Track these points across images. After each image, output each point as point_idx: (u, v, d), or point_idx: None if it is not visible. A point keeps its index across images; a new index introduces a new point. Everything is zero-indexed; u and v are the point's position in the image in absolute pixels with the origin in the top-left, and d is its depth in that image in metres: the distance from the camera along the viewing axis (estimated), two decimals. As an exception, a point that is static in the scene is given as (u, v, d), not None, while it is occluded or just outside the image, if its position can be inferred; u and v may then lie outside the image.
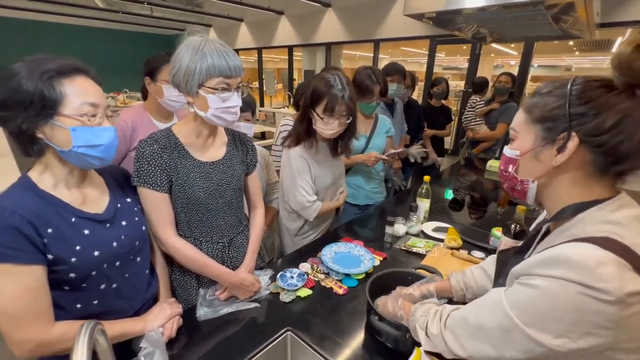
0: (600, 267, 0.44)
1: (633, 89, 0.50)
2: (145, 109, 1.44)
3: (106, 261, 0.77)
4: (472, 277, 0.90)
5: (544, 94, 0.57)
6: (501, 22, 1.60)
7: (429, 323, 0.67)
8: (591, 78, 0.53)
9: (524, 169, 0.60)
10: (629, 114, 0.49)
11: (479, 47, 5.34)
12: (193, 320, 0.96)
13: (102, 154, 0.72)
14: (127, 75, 7.50)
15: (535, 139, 0.57)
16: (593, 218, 0.52)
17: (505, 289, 0.56)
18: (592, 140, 0.51)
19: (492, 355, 0.55)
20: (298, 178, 1.37)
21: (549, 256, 0.50)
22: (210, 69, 0.84)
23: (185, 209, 0.96)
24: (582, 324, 0.46)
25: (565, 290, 0.46)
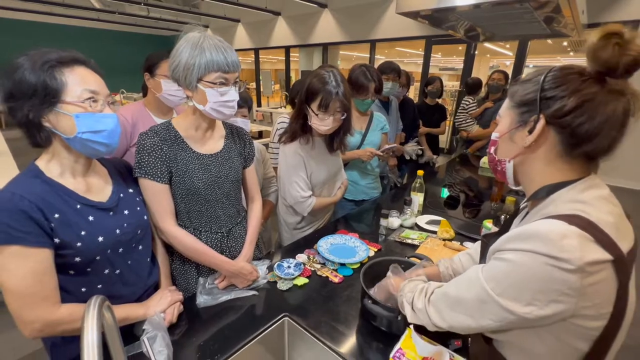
0: (564, 239, 0.48)
1: (603, 77, 0.53)
2: (145, 105, 1.47)
3: (110, 247, 0.80)
4: (460, 263, 0.94)
5: (525, 81, 0.61)
6: (492, 20, 1.65)
7: (415, 298, 0.71)
8: (567, 67, 0.57)
9: (501, 150, 0.65)
10: (592, 98, 0.52)
11: (473, 47, 5.40)
12: (193, 307, 0.99)
13: (106, 139, 0.75)
14: (124, 76, 7.52)
15: (511, 122, 0.62)
16: (564, 198, 0.56)
17: (483, 266, 0.60)
18: (556, 121, 0.55)
19: (470, 325, 0.60)
20: (293, 174, 1.41)
21: (519, 232, 0.54)
22: (209, 64, 0.87)
23: (185, 199, 1.00)
24: (547, 292, 0.50)
25: (533, 261, 0.50)
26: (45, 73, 0.68)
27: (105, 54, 9.66)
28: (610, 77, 0.53)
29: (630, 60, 0.50)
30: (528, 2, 1.20)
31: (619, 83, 0.53)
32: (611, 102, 0.52)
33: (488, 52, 9.46)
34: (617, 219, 0.54)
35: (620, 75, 0.52)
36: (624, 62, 0.50)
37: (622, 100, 0.52)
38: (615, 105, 0.52)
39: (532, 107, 0.58)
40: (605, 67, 0.52)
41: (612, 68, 0.51)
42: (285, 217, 1.57)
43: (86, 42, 9.39)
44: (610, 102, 0.52)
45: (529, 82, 0.60)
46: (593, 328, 0.52)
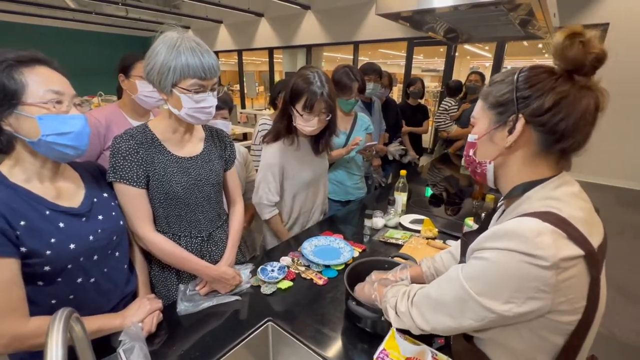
0: (538, 236, 0.49)
1: (571, 74, 0.55)
2: (120, 107, 1.42)
3: (83, 254, 0.76)
4: (441, 262, 0.95)
5: (497, 82, 0.62)
6: (470, 22, 1.69)
7: (398, 302, 0.71)
8: (536, 66, 0.59)
9: (481, 152, 0.65)
10: (566, 95, 0.54)
11: (454, 49, 5.52)
12: (173, 315, 0.96)
13: (74, 142, 0.72)
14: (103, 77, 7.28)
15: (489, 123, 0.62)
16: (537, 195, 0.57)
17: (463, 265, 0.60)
18: (535, 120, 0.56)
19: (451, 325, 0.60)
20: (268, 174, 1.39)
21: (495, 231, 0.55)
22: (184, 70, 0.84)
23: (164, 204, 0.97)
24: (524, 289, 0.50)
25: (509, 259, 0.51)
26: (2, 74, 0.64)
27: (82, 55, 9.33)
28: (577, 75, 0.55)
29: (593, 58, 0.52)
30: (502, 5, 1.23)
31: (586, 80, 0.55)
32: (584, 97, 0.54)
33: (468, 53, 9.70)
34: (588, 214, 0.55)
35: (587, 73, 0.54)
36: (589, 60, 0.52)
37: (592, 96, 0.54)
38: (588, 100, 0.54)
39: (508, 107, 0.59)
40: (573, 65, 0.54)
41: (579, 65, 0.54)
42: None
43: (60, 43, 9.05)
44: (583, 97, 0.54)
45: (502, 83, 0.61)
46: (568, 322, 0.53)
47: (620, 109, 4.24)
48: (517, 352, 0.59)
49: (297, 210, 1.51)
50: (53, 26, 8.80)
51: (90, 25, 8.95)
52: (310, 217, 1.60)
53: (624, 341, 1.87)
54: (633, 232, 3.14)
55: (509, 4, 1.21)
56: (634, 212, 3.73)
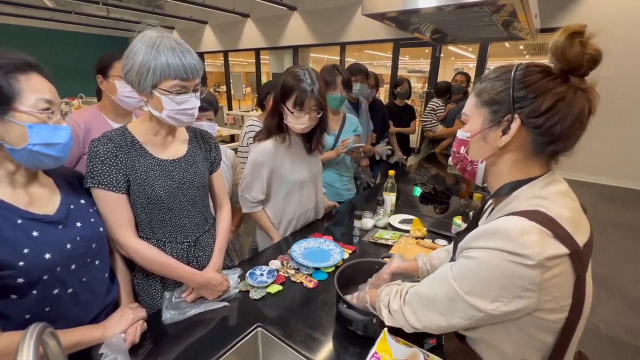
0: (524, 235, 0.49)
1: (568, 75, 0.55)
2: (100, 109, 1.37)
3: (60, 264, 0.72)
4: (438, 260, 0.95)
5: (492, 78, 0.60)
6: (455, 23, 1.71)
7: (391, 300, 0.70)
8: (532, 64, 0.58)
9: (473, 150, 0.64)
10: (563, 97, 0.53)
11: (439, 50, 5.60)
12: (159, 324, 0.93)
13: (59, 153, 0.71)
14: (83, 79, 7.07)
15: (483, 121, 0.61)
16: (525, 194, 0.57)
17: (452, 264, 0.60)
18: (531, 121, 0.55)
19: (441, 324, 0.59)
20: (253, 170, 1.36)
21: (483, 230, 0.54)
22: (165, 71, 0.81)
23: (146, 209, 0.93)
24: (511, 288, 0.50)
25: (496, 258, 0.51)
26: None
27: (62, 56, 9.03)
28: (573, 76, 0.54)
29: (590, 58, 0.52)
30: (486, 6, 1.25)
31: (581, 81, 0.54)
32: (579, 100, 0.53)
33: (452, 55, 9.88)
34: (574, 213, 0.55)
35: (583, 73, 0.54)
36: (585, 59, 0.52)
37: (587, 98, 0.54)
38: (582, 103, 0.54)
39: (503, 106, 0.57)
40: (570, 65, 0.53)
41: (576, 66, 0.53)
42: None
43: (40, 43, 8.74)
44: (578, 100, 0.53)
45: (497, 80, 0.59)
46: (555, 320, 0.53)
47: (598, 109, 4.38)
48: (508, 352, 0.58)
49: (290, 213, 1.47)
50: (31, 26, 8.50)
51: (71, 25, 8.68)
52: (306, 221, 1.57)
53: (610, 335, 1.92)
54: (617, 228, 3.24)
55: (492, 5, 1.23)
56: (618, 209, 3.86)
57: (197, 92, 0.90)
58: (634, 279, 2.54)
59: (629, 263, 2.73)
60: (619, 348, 1.88)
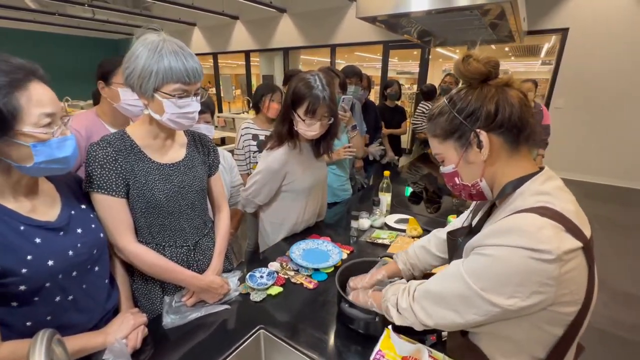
0: (540, 231, 0.51)
1: (485, 82, 0.63)
2: (99, 115, 1.34)
3: (62, 271, 0.71)
4: (416, 257, 0.97)
5: (435, 116, 0.68)
6: (445, 25, 1.75)
7: (399, 299, 0.71)
8: (452, 93, 0.67)
9: (466, 175, 0.68)
10: (498, 95, 0.61)
11: (427, 52, 5.69)
12: (159, 329, 0.92)
13: (66, 165, 0.70)
14: (69, 82, 6.93)
15: (456, 150, 0.66)
16: (529, 191, 0.59)
17: (463, 261, 0.61)
18: (492, 126, 0.61)
19: (455, 320, 0.60)
20: (266, 178, 1.36)
21: (497, 228, 0.56)
22: (167, 75, 0.81)
23: (145, 213, 0.93)
24: (529, 284, 0.52)
25: (513, 255, 0.52)
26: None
27: (45, 58, 8.76)
28: (489, 80, 0.63)
29: (488, 64, 0.61)
30: (477, 10, 1.28)
31: (497, 81, 0.63)
32: (509, 92, 0.61)
33: (440, 56, 10.03)
34: (577, 207, 0.58)
35: (494, 76, 0.63)
36: (487, 68, 0.62)
37: (513, 88, 0.62)
38: (515, 93, 0.61)
39: (462, 129, 0.63)
40: (480, 75, 0.62)
41: (484, 74, 0.62)
42: (265, 220, 1.50)
43: (22, 46, 8.52)
44: (509, 92, 0.61)
45: (440, 115, 0.66)
46: (568, 313, 0.55)
47: (581, 108, 4.53)
48: (514, 345, 0.60)
49: (294, 218, 1.46)
50: (11, 28, 8.28)
51: (55, 27, 8.49)
52: (307, 224, 1.56)
53: (597, 327, 1.99)
54: (600, 223, 3.35)
55: (483, 9, 1.26)
56: (600, 205, 3.99)
57: (198, 96, 0.90)
58: (618, 272, 2.63)
59: (613, 257, 2.83)
60: (606, 339, 1.94)
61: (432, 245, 0.95)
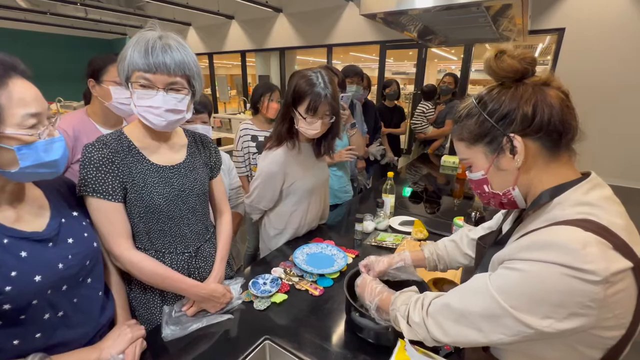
0: (586, 248, 0.46)
1: (520, 80, 0.58)
2: (89, 114, 1.29)
3: (50, 286, 0.66)
4: (445, 250, 0.93)
5: (463, 118, 0.62)
6: (447, 23, 1.71)
7: (411, 311, 0.66)
8: (488, 88, 0.61)
9: (497, 183, 0.62)
10: (535, 95, 0.55)
11: (424, 52, 5.68)
12: (158, 341, 0.87)
13: (54, 169, 0.65)
14: (61, 82, 6.80)
15: (486, 156, 0.61)
16: (569, 200, 0.53)
17: (489, 275, 0.56)
18: (529, 130, 0.55)
19: (478, 340, 0.55)
20: (267, 182, 1.31)
21: (533, 241, 0.51)
22: (131, 62, 0.78)
23: (144, 218, 0.87)
24: (567, 305, 0.46)
25: (552, 272, 0.47)
26: None
27: (36, 58, 8.63)
28: (524, 79, 0.58)
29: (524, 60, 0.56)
30: (483, 6, 1.25)
31: (535, 78, 0.57)
32: (548, 91, 0.55)
33: (436, 57, 10.06)
34: (626, 220, 0.52)
35: (531, 75, 0.58)
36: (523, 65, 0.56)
37: (552, 87, 0.56)
38: (553, 92, 0.56)
39: (494, 133, 0.58)
40: (515, 74, 0.57)
41: (520, 71, 0.57)
42: (269, 230, 1.45)
43: (12, 46, 8.34)
44: (547, 91, 0.55)
45: (467, 118, 0.61)
46: (610, 337, 0.50)
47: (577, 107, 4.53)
48: None
49: (296, 222, 1.41)
50: (1, 27, 8.12)
51: (47, 26, 8.34)
52: (310, 228, 1.51)
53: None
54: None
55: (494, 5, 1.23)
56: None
57: (176, 93, 0.83)
58: None
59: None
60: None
61: (464, 242, 0.92)
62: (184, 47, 0.83)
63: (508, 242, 0.61)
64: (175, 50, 0.80)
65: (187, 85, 0.85)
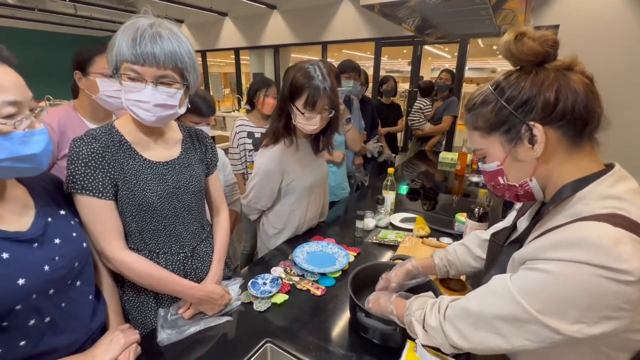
0: (619, 246, 0.42)
1: (541, 65, 0.54)
2: (76, 108, 1.23)
3: (36, 290, 0.61)
4: (455, 254, 0.90)
5: (477, 106, 0.58)
6: (447, 16, 1.68)
7: (427, 316, 0.63)
8: (506, 74, 0.57)
9: (513, 174, 0.58)
10: (557, 79, 0.51)
11: (420, 49, 5.68)
12: (154, 346, 0.83)
13: (35, 164, 0.59)
14: (50, 81, 6.64)
15: (502, 146, 0.57)
16: (594, 194, 0.50)
17: (510, 276, 0.52)
18: (550, 118, 0.52)
19: (500, 346, 0.52)
20: (264, 180, 1.27)
21: (559, 239, 0.47)
22: (119, 52, 0.72)
23: (137, 217, 0.83)
24: (599, 308, 0.43)
25: (582, 273, 0.44)
26: None
27: (25, 56, 8.40)
28: (546, 64, 0.54)
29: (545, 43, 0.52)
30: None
31: (556, 63, 0.54)
32: (571, 76, 0.52)
33: (430, 55, 10.08)
34: None
35: (552, 58, 0.54)
36: (545, 48, 0.53)
37: (578, 71, 0.53)
38: (578, 77, 0.52)
39: (511, 122, 0.54)
40: (536, 57, 0.53)
41: (541, 55, 0.53)
42: (267, 228, 1.41)
43: None
44: (570, 76, 0.52)
45: (482, 106, 0.57)
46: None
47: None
48: None
49: (296, 220, 1.37)
50: (-11, 24, 7.92)
51: (35, 23, 8.15)
52: (310, 226, 1.47)
53: None
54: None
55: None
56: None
57: (167, 87, 0.77)
58: None
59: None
60: None
61: (474, 244, 0.88)
62: (177, 36, 0.78)
63: (527, 241, 0.58)
64: (166, 40, 0.74)
65: (179, 79, 0.79)
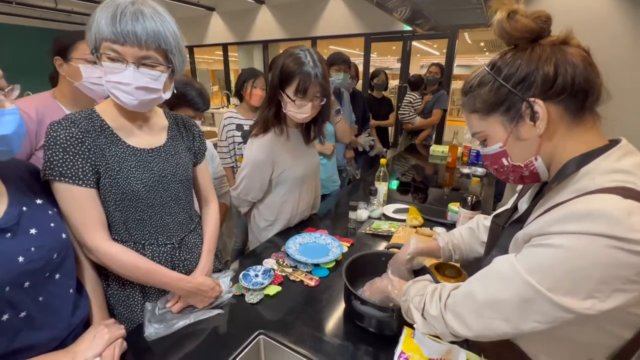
0: (631, 216, 0.41)
1: (536, 41, 0.53)
2: (55, 97, 1.17)
3: (9, 283, 0.57)
4: (461, 238, 0.89)
5: (475, 88, 0.57)
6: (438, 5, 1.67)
7: (427, 304, 0.61)
8: (501, 53, 0.56)
9: (517, 154, 0.57)
10: (554, 53, 0.51)
11: (409, 44, 5.70)
12: (141, 341, 0.79)
13: (6, 146, 0.55)
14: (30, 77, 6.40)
15: (503, 126, 0.56)
16: (599, 168, 0.49)
17: (515, 256, 0.51)
18: (550, 93, 0.51)
19: (506, 331, 0.50)
20: (254, 171, 1.23)
21: (569, 212, 0.46)
22: (99, 30, 0.68)
23: (121, 206, 0.79)
24: (612, 280, 0.42)
25: (594, 245, 0.42)
26: None
27: (3, 51, 8.14)
28: (540, 40, 0.53)
29: (538, 19, 0.52)
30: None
31: (551, 38, 0.53)
32: (567, 50, 0.51)
33: (418, 52, 10.14)
34: None
35: (547, 34, 0.53)
36: (538, 24, 0.52)
37: (571, 45, 0.52)
38: (574, 50, 0.51)
39: (511, 100, 0.53)
40: (530, 34, 0.52)
41: (535, 31, 0.52)
42: (258, 221, 1.37)
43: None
44: (567, 50, 0.51)
45: (480, 87, 0.56)
46: None
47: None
48: (570, 347, 0.51)
49: (288, 212, 1.34)
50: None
51: (13, 17, 7.84)
52: (302, 218, 1.45)
53: None
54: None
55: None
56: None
57: (150, 69, 0.73)
58: None
59: None
60: None
61: (481, 229, 0.87)
62: (161, 15, 0.73)
63: (529, 220, 0.57)
64: (149, 18, 0.69)
65: (163, 61, 0.74)
